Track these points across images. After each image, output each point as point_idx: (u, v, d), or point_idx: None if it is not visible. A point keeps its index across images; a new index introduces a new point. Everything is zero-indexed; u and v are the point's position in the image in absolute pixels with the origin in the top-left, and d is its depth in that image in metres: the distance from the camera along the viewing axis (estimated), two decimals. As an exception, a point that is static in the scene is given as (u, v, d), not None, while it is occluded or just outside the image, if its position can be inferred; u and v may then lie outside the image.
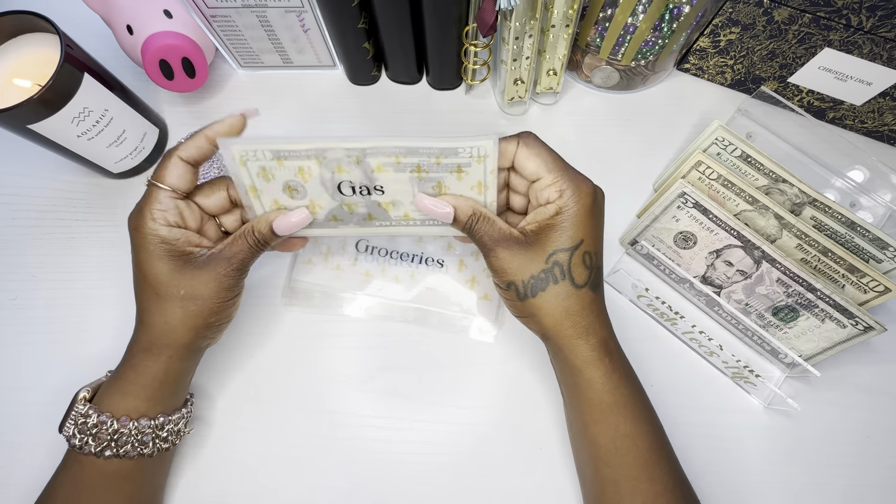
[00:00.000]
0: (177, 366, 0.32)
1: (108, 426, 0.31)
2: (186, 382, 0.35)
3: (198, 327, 0.32)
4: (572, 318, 0.30)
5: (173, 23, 0.43)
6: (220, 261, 0.31)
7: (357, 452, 0.40)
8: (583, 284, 0.30)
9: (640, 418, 0.31)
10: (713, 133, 0.40)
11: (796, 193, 0.39)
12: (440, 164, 0.32)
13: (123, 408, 0.32)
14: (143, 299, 0.32)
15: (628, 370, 0.32)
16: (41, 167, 0.48)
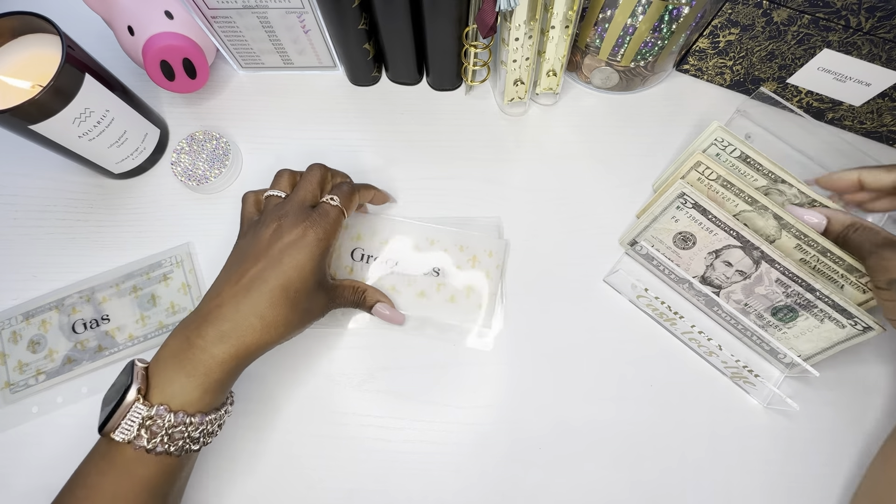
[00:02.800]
0: (232, 372, 0.32)
1: (165, 420, 0.29)
2: (232, 383, 0.34)
3: (284, 337, 0.33)
4: None
5: (174, 24, 0.43)
6: (338, 292, 0.37)
7: (357, 452, 0.40)
8: None
9: None
10: (712, 133, 0.40)
11: (795, 194, 0.39)
12: (150, 278, 0.42)
13: (181, 400, 0.30)
14: (270, 293, 0.32)
15: None
16: (42, 168, 0.48)
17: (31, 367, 0.41)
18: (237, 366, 0.32)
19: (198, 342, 0.31)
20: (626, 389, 0.41)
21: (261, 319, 0.31)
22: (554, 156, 0.48)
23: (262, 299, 0.31)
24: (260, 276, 0.32)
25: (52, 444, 0.40)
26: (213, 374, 0.31)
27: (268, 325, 0.32)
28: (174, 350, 0.31)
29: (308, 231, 0.33)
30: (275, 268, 0.32)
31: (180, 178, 0.45)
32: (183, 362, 0.30)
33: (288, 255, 0.32)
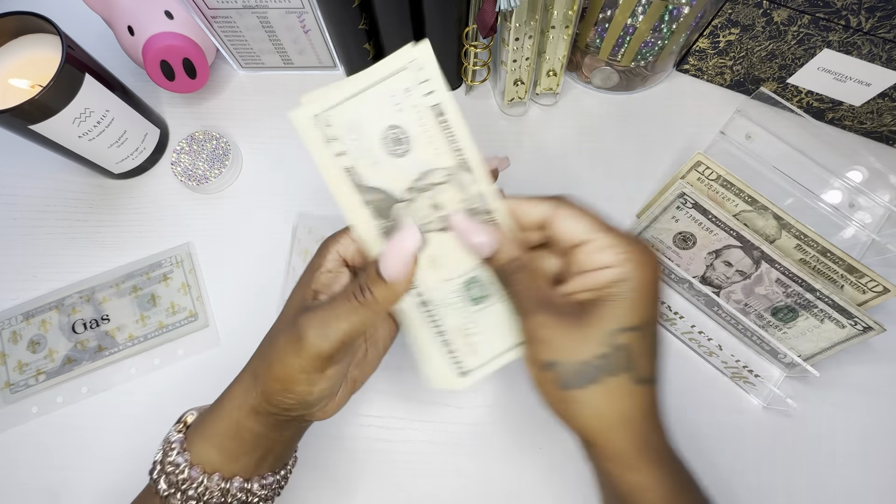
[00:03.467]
0: (265, 427, 0.27)
1: (198, 483, 0.26)
2: (281, 446, 0.28)
3: (269, 384, 0.25)
4: (629, 426, 0.23)
5: (174, 24, 0.43)
6: (309, 322, 0.24)
7: (357, 452, 0.40)
8: (646, 379, 0.23)
9: None
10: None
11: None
12: (150, 278, 0.39)
13: (215, 462, 0.26)
14: (279, 336, 0.26)
15: (691, 480, 0.25)
16: (42, 168, 0.48)
17: (31, 367, 0.41)
18: (264, 419, 0.27)
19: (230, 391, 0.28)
20: (626, 389, 0.41)
21: (266, 357, 0.27)
22: (554, 156, 0.48)
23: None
24: None
25: (51, 445, 0.40)
26: (241, 432, 0.27)
27: (252, 361, 0.28)
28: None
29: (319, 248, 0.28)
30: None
31: (180, 178, 0.45)
32: (216, 411, 0.27)
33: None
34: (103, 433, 0.41)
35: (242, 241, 0.46)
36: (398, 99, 0.23)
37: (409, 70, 0.23)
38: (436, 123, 0.24)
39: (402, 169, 0.24)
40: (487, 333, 0.27)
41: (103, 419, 0.41)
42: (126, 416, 0.41)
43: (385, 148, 0.24)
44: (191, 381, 0.42)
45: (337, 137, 0.23)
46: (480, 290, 0.27)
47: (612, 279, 0.23)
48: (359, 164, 0.24)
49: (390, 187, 0.25)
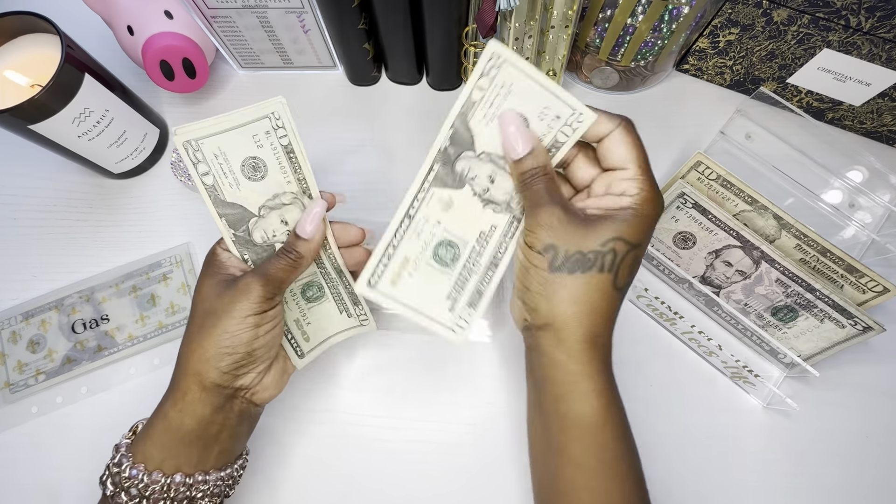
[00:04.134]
0: (201, 413, 0.29)
1: (139, 480, 0.28)
2: (226, 436, 0.31)
3: (210, 350, 0.29)
4: (592, 317, 0.27)
5: (174, 23, 0.43)
6: (250, 274, 0.30)
7: (357, 452, 0.40)
8: (621, 287, 0.27)
9: (625, 440, 0.28)
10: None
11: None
12: (149, 277, 0.42)
13: (156, 460, 0.29)
14: (185, 331, 0.31)
15: (615, 386, 0.29)
16: (42, 167, 0.48)
17: (31, 367, 0.41)
18: (208, 398, 0.29)
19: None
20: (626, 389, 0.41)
21: (179, 351, 0.31)
22: (554, 156, 0.48)
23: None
24: None
25: (51, 445, 0.40)
26: (181, 427, 0.29)
27: (177, 359, 0.30)
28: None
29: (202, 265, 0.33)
30: None
31: (180, 178, 0.45)
32: (153, 414, 0.31)
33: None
34: (103, 433, 0.40)
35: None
36: (259, 138, 0.30)
37: (270, 119, 0.30)
38: (286, 158, 0.31)
39: (257, 191, 0.31)
40: (316, 325, 0.35)
41: (103, 419, 0.41)
42: (126, 416, 0.41)
43: (244, 173, 0.31)
44: (190, 381, 0.42)
45: (202, 161, 0.30)
46: (317, 291, 0.35)
47: (624, 206, 0.27)
48: (220, 183, 0.30)
49: (247, 204, 0.31)
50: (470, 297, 0.30)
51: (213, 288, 0.30)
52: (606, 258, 0.26)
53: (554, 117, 0.28)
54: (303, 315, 0.35)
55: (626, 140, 0.27)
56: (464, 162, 0.28)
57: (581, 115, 0.28)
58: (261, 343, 0.30)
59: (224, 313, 0.29)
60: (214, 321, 0.29)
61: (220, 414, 0.30)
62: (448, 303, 0.29)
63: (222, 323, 0.29)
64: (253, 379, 0.31)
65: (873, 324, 0.36)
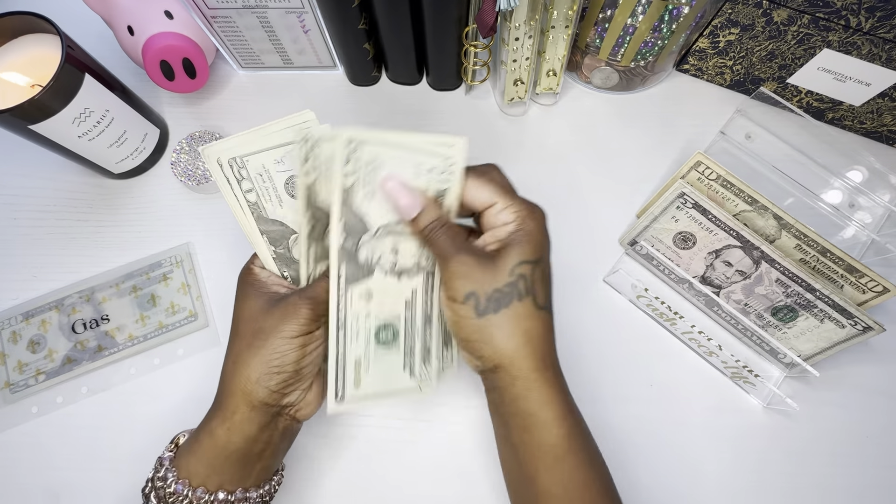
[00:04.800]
0: (248, 431, 0.29)
1: (183, 496, 0.28)
2: (269, 454, 0.31)
3: (259, 370, 0.29)
4: (532, 345, 0.27)
5: (174, 23, 0.43)
6: (297, 295, 0.30)
7: (357, 452, 0.40)
8: (544, 305, 0.28)
9: (591, 466, 0.29)
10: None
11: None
12: (149, 278, 0.41)
13: (200, 476, 0.29)
14: (227, 346, 0.31)
15: (574, 406, 0.29)
16: (42, 167, 0.48)
17: (31, 367, 0.41)
18: (256, 416, 0.29)
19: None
20: (626, 389, 0.41)
21: (221, 376, 0.31)
22: (554, 156, 0.48)
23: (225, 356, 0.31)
24: None
25: (51, 445, 0.40)
26: (227, 444, 0.29)
27: (222, 377, 0.30)
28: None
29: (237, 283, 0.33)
30: None
31: (180, 178, 0.45)
32: (197, 430, 0.31)
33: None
34: (103, 433, 0.41)
35: (242, 241, 0.46)
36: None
37: (308, 141, 0.28)
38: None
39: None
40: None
41: (103, 419, 0.41)
42: (126, 416, 0.41)
43: (287, 191, 0.30)
44: (191, 381, 0.42)
45: (247, 178, 0.30)
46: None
47: (511, 231, 0.28)
48: (262, 200, 0.30)
49: (288, 221, 0.31)
50: (421, 356, 0.32)
51: (259, 306, 0.30)
52: (519, 285, 0.27)
53: (428, 170, 0.29)
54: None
55: (478, 184, 0.29)
56: (365, 249, 0.29)
57: (449, 152, 0.28)
58: (308, 361, 0.30)
59: (273, 333, 0.29)
60: (263, 341, 0.29)
61: (266, 432, 0.30)
62: (406, 371, 0.31)
63: (271, 342, 0.29)
64: (298, 396, 0.31)
65: (873, 324, 0.36)
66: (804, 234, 0.37)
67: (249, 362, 0.29)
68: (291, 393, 0.30)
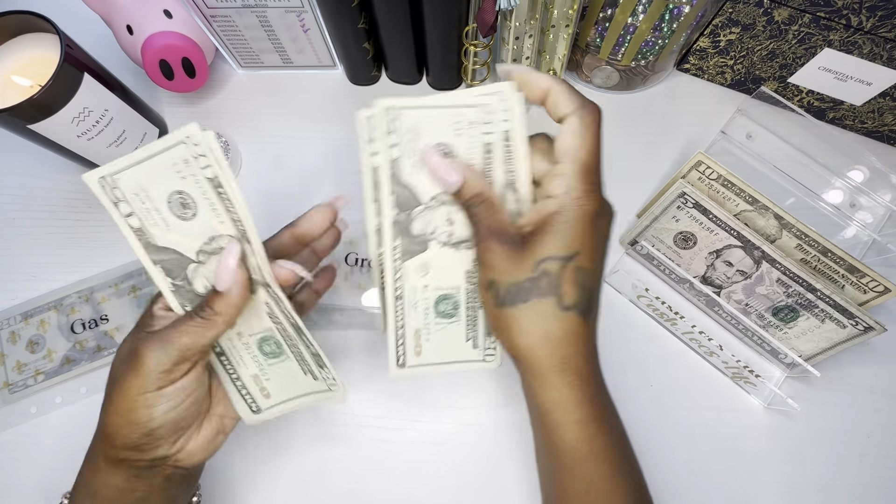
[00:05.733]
0: (113, 482, 0.26)
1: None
2: (156, 500, 0.28)
3: (109, 427, 0.26)
4: (550, 345, 0.25)
5: (173, 23, 0.43)
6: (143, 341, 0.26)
7: (357, 452, 0.40)
8: (570, 306, 0.25)
9: (618, 474, 0.26)
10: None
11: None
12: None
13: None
14: None
15: (611, 415, 0.27)
16: (41, 167, 0.48)
17: (30, 368, 0.41)
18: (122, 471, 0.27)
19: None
20: (626, 389, 0.41)
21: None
22: (554, 155, 0.48)
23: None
24: None
25: (50, 445, 0.40)
26: (104, 494, 0.27)
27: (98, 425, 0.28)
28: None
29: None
30: None
31: (179, 178, 0.45)
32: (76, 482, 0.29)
33: None
34: (102, 433, 0.41)
35: (242, 241, 0.45)
36: (179, 167, 0.25)
37: (186, 145, 0.25)
38: (215, 194, 0.26)
39: (191, 232, 0.27)
40: (277, 382, 0.31)
41: (102, 419, 0.41)
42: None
43: (173, 211, 0.26)
44: (190, 382, 0.42)
45: (123, 199, 0.26)
46: (275, 347, 0.30)
47: (552, 210, 0.25)
48: (147, 224, 0.26)
49: (182, 248, 0.27)
50: (486, 328, 0.30)
51: (123, 348, 0.27)
52: (542, 282, 0.24)
53: (469, 124, 0.26)
54: (262, 371, 0.30)
55: (575, 129, 0.25)
56: (419, 221, 0.28)
57: (490, 100, 0.26)
58: (162, 422, 0.26)
59: (117, 387, 0.25)
60: (109, 394, 0.26)
61: (139, 481, 0.27)
62: (469, 343, 0.30)
63: (112, 402, 0.26)
64: (168, 450, 0.27)
65: (874, 324, 0.36)
66: (805, 233, 0.37)
67: (103, 414, 0.26)
68: (154, 450, 0.27)
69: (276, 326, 0.30)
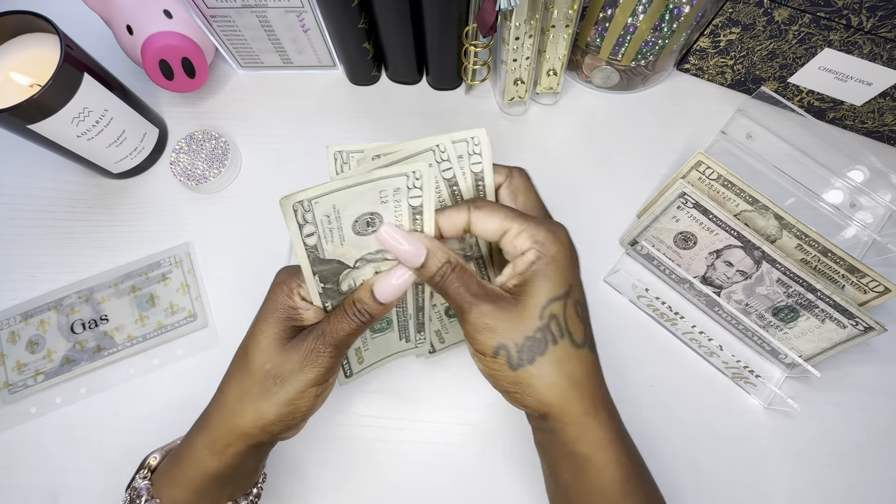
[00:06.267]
0: (239, 461, 0.28)
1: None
2: (254, 471, 0.30)
3: (269, 417, 0.27)
4: (579, 388, 0.25)
5: (173, 23, 0.43)
6: (314, 335, 0.27)
7: (357, 452, 0.40)
8: (582, 343, 0.25)
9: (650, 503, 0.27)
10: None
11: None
12: (148, 278, 0.40)
13: (178, 500, 0.28)
14: (231, 368, 0.28)
15: (631, 445, 0.27)
16: (41, 167, 0.47)
17: (30, 368, 0.41)
18: (225, 465, 0.28)
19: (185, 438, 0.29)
20: (626, 389, 0.41)
21: (217, 401, 0.28)
22: (554, 155, 0.48)
23: (226, 375, 0.29)
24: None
25: (50, 445, 0.40)
26: (208, 472, 0.28)
27: (221, 407, 0.28)
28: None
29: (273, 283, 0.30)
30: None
31: (179, 178, 0.45)
32: (178, 455, 0.29)
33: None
34: (102, 434, 0.41)
35: (241, 241, 0.45)
36: (387, 195, 0.25)
37: (408, 178, 0.25)
38: (409, 217, 0.26)
39: (362, 245, 0.27)
40: (373, 350, 0.34)
41: (102, 420, 0.41)
42: (125, 416, 0.41)
43: (354, 229, 0.26)
44: (190, 382, 0.42)
45: (311, 222, 0.25)
46: (385, 324, 0.32)
47: (531, 260, 0.25)
48: (322, 242, 0.26)
49: (345, 259, 0.27)
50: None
51: (278, 342, 0.27)
52: (552, 327, 0.24)
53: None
54: (364, 343, 0.33)
55: (483, 213, 0.26)
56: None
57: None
58: (317, 407, 0.28)
59: (290, 380, 0.26)
60: (279, 387, 0.26)
61: (254, 458, 0.29)
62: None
63: (287, 391, 0.26)
64: (297, 431, 0.30)
65: (874, 324, 0.36)
66: (805, 234, 0.37)
67: (259, 406, 0.27)
68: (291, 433, 0.29)
69: (397, 310, 0.31)
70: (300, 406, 0.27)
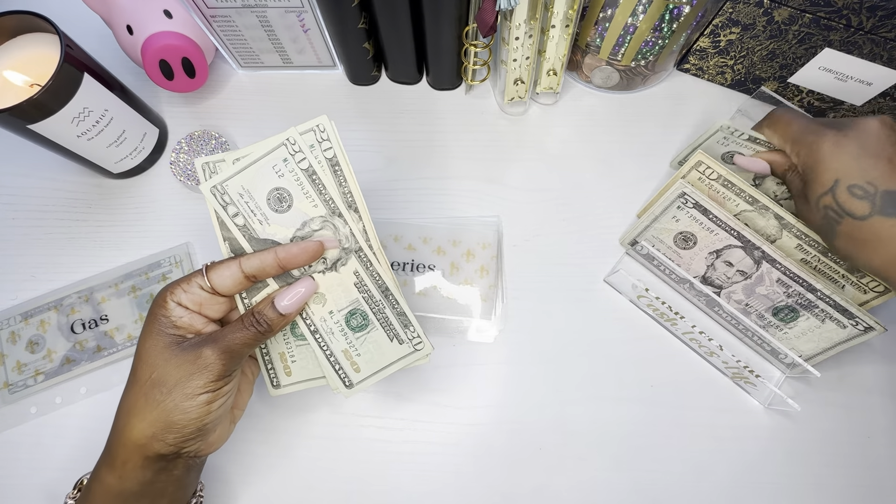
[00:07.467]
0: (143, 476, 0.27)
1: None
2: (174, 489, 0.29)
3: (159, 425, 0.26)
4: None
5: (173, 23, 0.43)
6: (205, 341, 0.27)
7: (357, 452, 0.40)
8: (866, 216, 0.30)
9: None
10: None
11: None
12: (149, 278, 0.42)
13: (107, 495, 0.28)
14: (124, 388, 0.28)
15: None
16: (41, 167, 0.47)
17: (30, 368, 0.41)
18: (127, 483, 0.28)
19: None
20: (627, 389, 0.41)
21: (114, 421, 0.29)
22: (554, 155, 0.48)
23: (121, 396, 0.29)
24: None
25: (50, 445, 0.40)
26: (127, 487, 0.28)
27: (115, 424, 0.29)
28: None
29: (152, 303, 0.30)
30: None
31: (179, 178, 0.45)
32: (90, 478, 0.29)
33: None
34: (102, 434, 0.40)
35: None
36: (279, 168, 0.30)
37: (286, 146, 0.30)
38: (309, 182, 0.30)
39: (286, 222, 0.31)
40: (366, 357, 0.33)
41: (102, 420, 0.40)
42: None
43: (271, 206, 0.30)
44: (190, 382, 0.42)
45: (231, 202, 0.30)
46: (361, 319, 0.33)
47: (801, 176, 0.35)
48: (250, 222, 0.30)
49: (279, 237, 0.31)
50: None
51: (162, 352, 0.27)
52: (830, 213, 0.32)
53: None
54: (351, 345, 0.33)
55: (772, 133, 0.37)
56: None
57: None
58: (213, 418, 0.28)
59: (176, 388, 0.26)
60: (164, 395, 0.26)
61: (164, 474, 0.28)
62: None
63: (172, 398, 0.26)
64: (200, 444, 0.29)
65: (875, 324, 0.36)
66: (805, 233, 0.37)
67: (146, 416, 0.26)
68: (193, 444, 0.28)
69: (362, 296, 0.32)
70: (191, 413, 0.27)
